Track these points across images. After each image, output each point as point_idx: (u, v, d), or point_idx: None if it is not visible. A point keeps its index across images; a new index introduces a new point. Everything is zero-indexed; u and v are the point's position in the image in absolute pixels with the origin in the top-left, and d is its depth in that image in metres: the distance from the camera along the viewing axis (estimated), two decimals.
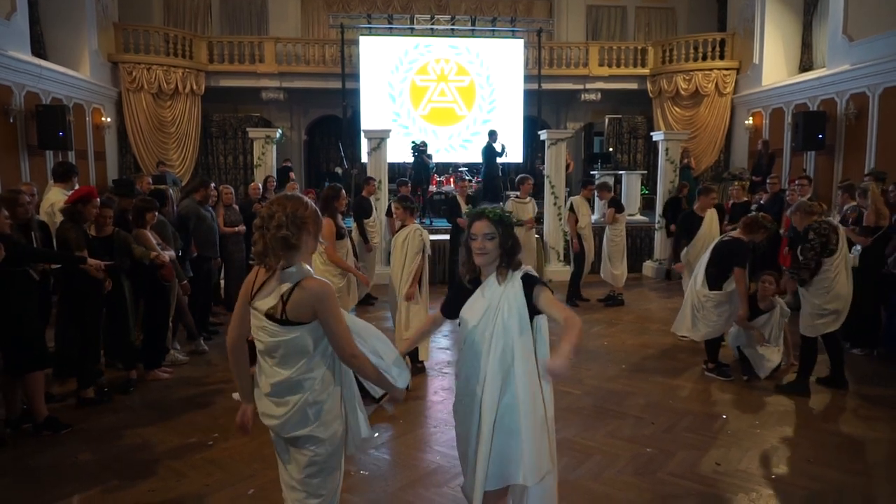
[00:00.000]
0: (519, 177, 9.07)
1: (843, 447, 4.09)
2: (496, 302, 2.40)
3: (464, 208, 8.44)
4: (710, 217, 6.70)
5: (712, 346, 5.48)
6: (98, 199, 4.77)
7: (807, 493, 3.47)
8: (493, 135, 11.72)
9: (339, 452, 2.35)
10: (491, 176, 11.68)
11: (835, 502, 3.39)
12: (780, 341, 5.42)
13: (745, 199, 8.65)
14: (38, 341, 4.19)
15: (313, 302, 2.14)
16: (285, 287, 2.16)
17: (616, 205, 8.38)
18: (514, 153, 13.97)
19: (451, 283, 2.64)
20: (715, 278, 5.26)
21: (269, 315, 2.17)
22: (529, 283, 2.41)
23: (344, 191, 5.68)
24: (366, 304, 8.30)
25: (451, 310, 2.60)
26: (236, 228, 7.26)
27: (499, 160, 11.69)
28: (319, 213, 2.32)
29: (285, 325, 2.15)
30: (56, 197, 5.84)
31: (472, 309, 2.46)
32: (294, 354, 2.19)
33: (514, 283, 2.40)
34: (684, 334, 5.69)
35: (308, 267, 2.23)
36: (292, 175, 9.25)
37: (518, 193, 8.74)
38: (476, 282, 2.51)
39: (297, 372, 2.20)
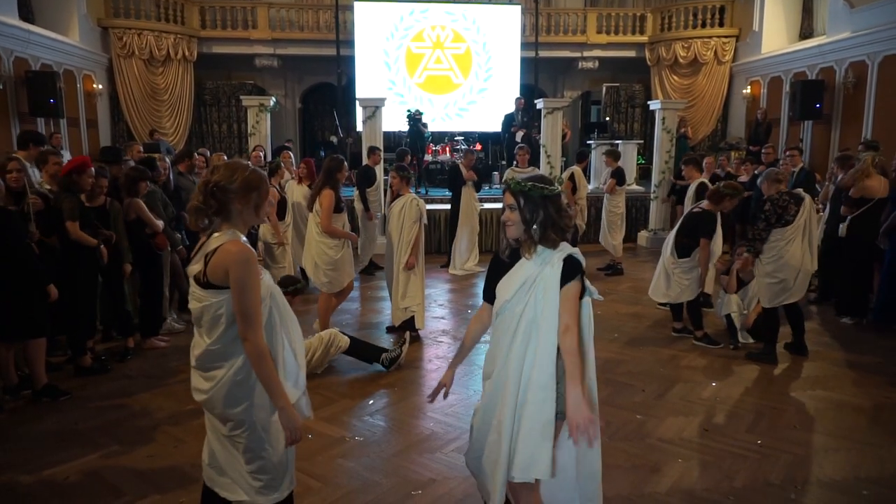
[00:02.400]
0: (516, 147, 9.07)
1: (828, 413, 4.18)
2: (532, 280, 2.26)
3: (466, 176, 8.46)
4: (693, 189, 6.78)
5: (696, 315, 5.56)
6: (93, 169, 4.75)
7: (792, 458, 3.55)
8: (519, 102, 11.80)
9: (269, 429, 2.21)
10: (512, 144, 11.73)
11: (819, 467, 3.47)
12: (755, 302, 5.56)
13: (742, 171, 8.62)
14: (38, 310, 4.21)
15: (228, 264, 2.05)
16: (209, 249, 2.13)
17: (619, 176, 8.35)
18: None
19: (490, 265, 2.52)
20: (685, 248, 5.46)
21: (196, 279, 2.15)
22: (569, 272, 2.24)
23: (346, 162, 5.66)
24: (367, 273, 8.34)
25: (492, 293, 2.41)
26: None
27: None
28: (261, 181, 2.19)
29: (207, 289, 2.11)
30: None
31: (508, 283, 2.32)
32: (216, 322, 2.12)
33: (555, 266, 2.24)
34: (661, 300, 5.78)
35: (239, 234, 2.14)
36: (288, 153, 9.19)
37: (517, 162, 8.73)
38: (514, 256, 2.37)
39: (217, 342, 2.13)
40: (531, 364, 2.26)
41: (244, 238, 2.16)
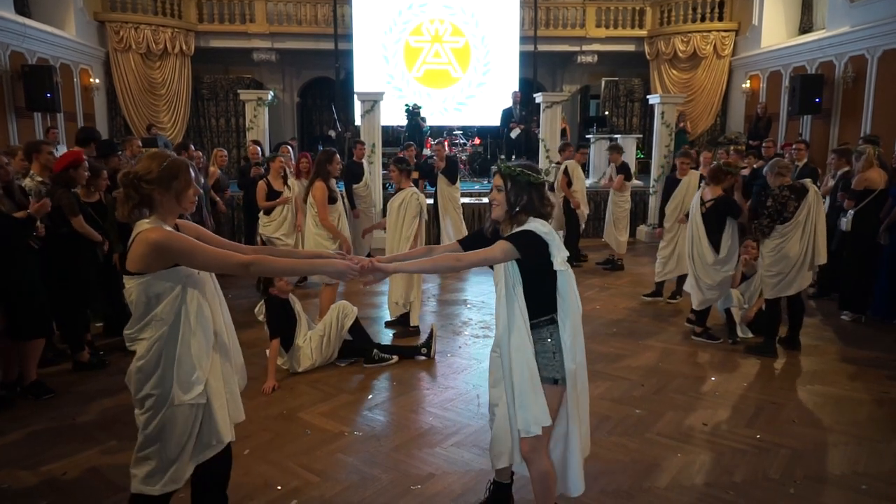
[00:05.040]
0: (561, 143, 9.12)
1: (827, 408, 4.18)
2: None
3: (436, 166, 8.42)
4: (688, 180, 6.64)
5: (704, 312, 5.53)
6: (87, 163, 4.73)
7: (791, 453, 3.55)
8: (516, 95, 11.79)
9: (183, 425, 2.22)
10: (509, 140, 11.71)
11: (818, 461, 3.48)
12: (756, 296, 5.56)
13: (742, 165, 8.59)
14: (44, 309, 4.22)
15: (155, 250, 2.08)
16: (131, 239, 2.17)
17: (625, 171, 8.30)
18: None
19: (474, 232, 2.77)
20: (717, 243, 5.27)
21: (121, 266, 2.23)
22: (511, 236, 2.43)
23: (338, 155, 5.65)
24: None
25: (467, 244, 2.69)
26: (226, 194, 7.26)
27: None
28: (181, 170, 2.21)
29: (126, 275, 2.16)
30: None
31: None
32: (133, 307, 2.18)
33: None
34: (699, 307, 5.55)
35: (161, 223, 2.16)
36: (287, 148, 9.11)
37: (559, 159, 8.64)
38: (496, 235, 2.55)
39: (130, 328, 2.21)
40: (511, 328, 2.47)
41: (168, 227, 2.18)
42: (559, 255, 2.43)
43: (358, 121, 10.95)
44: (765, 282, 5.11)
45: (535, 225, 2.43)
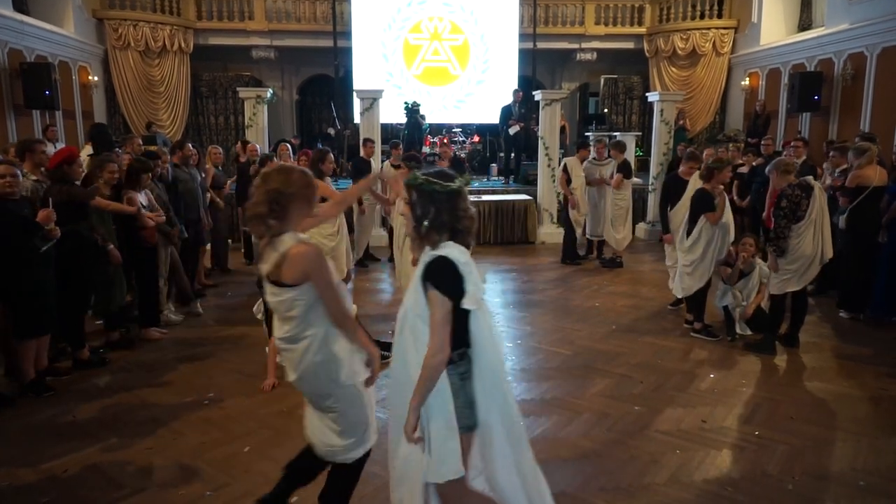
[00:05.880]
0: (591, 139, 9.13)
1: (825, 405, 4.19)
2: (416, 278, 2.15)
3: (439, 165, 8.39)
4: (694, 181, 6.58)
5: (698, 306, 5.56)
6: (80, 159, 4.74)
7: (789, 449, 3.56)
8: (517, 95, 11.78)
9: (358, 398, 2.47)
10: (507, 137, 11.70)
11: (816, 457, 3.49)
12: (754, 294, 5.57)
13: (740, 162, 8.60)
14: (43, 312, 4.24)
15: (303, 267, 2.27)
16: (278, 253, 2.30)
17: (625, 169, 8.24)
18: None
19: None
20: (689, 232, 5.53)
21: (269, 278, 2.34)
22: (428, 274, 2.06)
23: (331, 154, 5.67)
24: (361, 266, 8.33)
25: None
26: (225, 190, 7.27)
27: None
28: (310, 177, 2.45)
29: (282, 287, 2.31)
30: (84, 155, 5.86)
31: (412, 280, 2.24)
32: (291, 313, 2.34)
33: (420, 267, 2.11)
34: (680, 295, 5.79)
35: (300, 234, 2.36)
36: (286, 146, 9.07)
37: (594, 157, 8.51)
38: None
39: (293, 329, 2.36)
40: (413, 366, 2.12)
41: (301, 234, 2.37)
42: (474, 293, 2.05)
43: (357, 118, 10.93)
44: (779, 279, 5.09)
45: (452, 251, 2.06)
